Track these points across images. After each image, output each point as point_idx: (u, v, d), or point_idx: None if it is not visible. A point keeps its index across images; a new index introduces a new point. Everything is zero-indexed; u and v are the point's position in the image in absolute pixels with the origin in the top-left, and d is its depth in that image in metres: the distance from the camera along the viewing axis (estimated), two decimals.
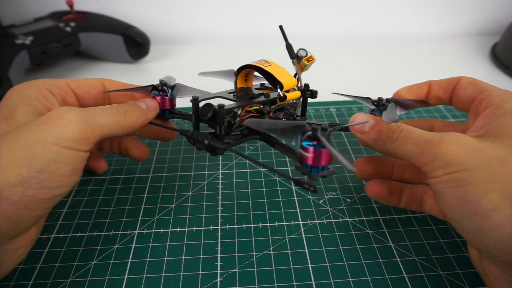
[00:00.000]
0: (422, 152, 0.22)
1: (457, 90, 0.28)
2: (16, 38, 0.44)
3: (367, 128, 0.25)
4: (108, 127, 0.24)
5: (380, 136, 0.24)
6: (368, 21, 0.62)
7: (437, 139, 0.22)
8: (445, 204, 0.21)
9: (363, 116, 0.26)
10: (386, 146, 0.24)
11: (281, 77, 0.27)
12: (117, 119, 0.24)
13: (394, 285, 0.24)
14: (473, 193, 0.19)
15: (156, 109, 0.27)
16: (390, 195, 0.27)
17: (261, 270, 0.25)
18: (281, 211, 0.29)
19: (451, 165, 0.20)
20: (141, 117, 0.26)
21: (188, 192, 0.31)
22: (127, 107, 0.26)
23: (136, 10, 0.58)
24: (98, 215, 0.29)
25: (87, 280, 0.24)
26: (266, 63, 0.28)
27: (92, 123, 0.23)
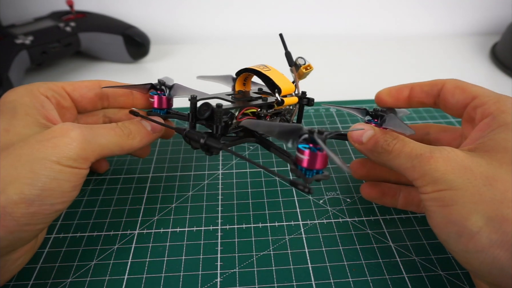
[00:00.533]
0: (413, 166, 0.22)
1: (443, 95, 0.27)
2: (16, 38, 0.44)
3: (365, 139, 0.25)
4: (109, 148, 0.24)
5: (376, 148, 0.24)
6: (368, 20, 0.62)
7: (427, 155, 0.21)
8: (432, 222, 0.21)
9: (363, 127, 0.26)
10: (382, 158, 0.24)
11: (280, 82, 0.27)
12: (119, 141, 0.25)
13: (394, 285, 0.24)
14: (458, 214, 0.19)
15: (161, 130, 0.28)
16: (383, 197, 0.28)
17: (261, 270, 0.25)
18: (281, 211, 0.29)
19: (439, 182, 0.20)
20: (145, 138, 0.26)
21: (188, 192, 0.31)
22: (131, 128, 0.26)
23: (136, 10, 0.58)
24: (98, 215, 0.29)
25: (87, 280, 0.24)
26: (266, 67, 0.28)
27: (94, 143, 0.23)
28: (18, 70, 0.43)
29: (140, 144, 0.26)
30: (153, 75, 0.51)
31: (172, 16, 0.59)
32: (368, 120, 0.28)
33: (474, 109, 0.25)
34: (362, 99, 0.44)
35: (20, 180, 0.20)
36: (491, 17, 0.62)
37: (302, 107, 0.30)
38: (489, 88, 0.27)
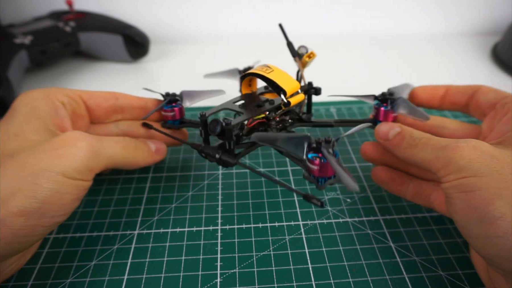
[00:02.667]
0: (437, 157, 0.22)
1: (476, 96, 0.28)
2: (15, 38, 0.44)
3: (391, 136, 0.25)
4: (115, 161, 0.24)
5: (403, 143, 0.25)
6: (369, 20, 0.62)
7: (452, 145, 0.22)
8: (453, 208, 0.21)
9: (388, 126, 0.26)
10: (407, 152, 0.24)
11: (284, 83, 0.27)
12: (125, 155, 0.25)
13: (394, 285, 0.24)
14: (481, 199, 0.19)
15: (164, 153, 0.29)
16: (393, 183, 0.28)
17: (261, 270, 0.25)
18: (281, 211, 0.29)
19: (463, 170, 0.20)
20: (148, 158, 0.27)
21: (188, 192, 0.31)
22: (138, 145, 0.26)
23: (136, 10, 0.58)
24: (98, 215, 0.29)
25: (87, 281, 0.24)
26: (268, 69, 0.28)
27: (102, 154, 0.23)
28: (18, 70, 0.43)
29: (142, 163, 0.26)
30: (153, 75, 0.51)
31: (172, 16, 0.59)
32: (376, 104, 0.29)
33: (503, 106, 0.26)
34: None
35: (22, 192, 0.20)
36: (492, 16, 0.62)
37: (310, 97, 0.31)
38: None
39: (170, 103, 0.30)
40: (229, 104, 0.28)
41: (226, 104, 0.28)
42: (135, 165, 0.26)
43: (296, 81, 0.28)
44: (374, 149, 0.29)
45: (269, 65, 0.28)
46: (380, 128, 0.26)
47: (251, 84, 0.31)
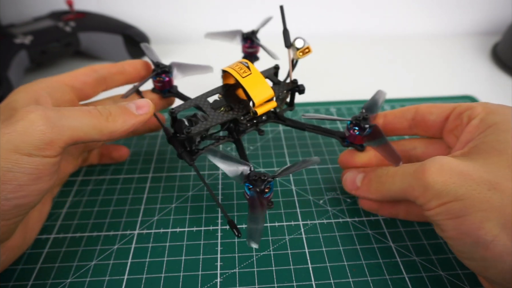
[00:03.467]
0: (411, 186, 0.22)
1: (420, 116, 0.27)
2: (15, 38, 0.44)
3: (359, 183, 0.26)
4: (83, 131, 0.21)
5: (371, 185, 0.25)
6: (368, 20, 0.62)
7: (419, 169, 0.21)
8: (445, 234, 0.21)
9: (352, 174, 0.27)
10: (381, 191, 0.24)
11: (255, 91, 0.27)
12: (96, 123, 0.22)
13: (394, 285, 0.24)
14: (470, 224, 0.19)
15: (149, 111, 0.25)
16: (382, 209, 0.28)
17: (261, 270, 0.25)
18: (281, 211, 0.29)
19: (442, 195, 0.20)
20: (130, 120, 0.24)
21: (188, 192, 0.31)
22: (112, 110, 0.23)
23: (136, 10, 0.58)
24: (98, 215, 0.29)
25: (87, 281, 0.24)
26: (247, 70, 0.27)
27: (61, 125, 0.21)
28: (18, 70, 0.43)
29: (124, 127, 0.23)
30: None
31: (172, 16, 0.59)
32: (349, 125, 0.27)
33: (458, 116, 0.25)
34: (362, 99, 0.44)
35: None
36: (492, 16, 0.62)
37: (294, 94, 0.31)
38: (490, 88, 0.27)
39: (160, 75, 0.30)
40: (202, 99, 0.28)
41: (198, 100, 0.28)
42: (114, 133, 0.23)
43: (270, 89, 0.27)
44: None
45: (249, 65, 0.28)
46: (347, 179, 0.27)
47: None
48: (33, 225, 0.25)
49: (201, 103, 0.28)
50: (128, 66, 0.30)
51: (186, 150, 0.27)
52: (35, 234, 0.26)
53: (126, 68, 0.30)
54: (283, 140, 0.37)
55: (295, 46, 0.27)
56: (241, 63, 0.28)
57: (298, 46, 0.27)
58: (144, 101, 0.25)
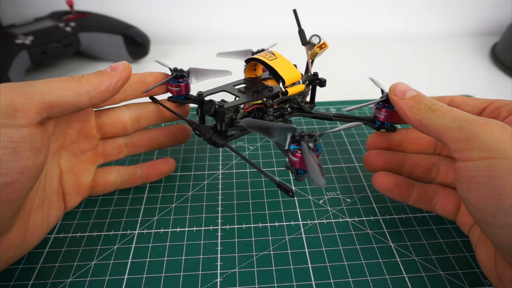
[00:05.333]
0: (459, 128, 0.20)
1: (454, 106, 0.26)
2: (16, 38, 0.45)
3: (408, 95, 0.24)
4: (55, 94, 0.21)
5: (419, 105, 0.23)
6: (368, 20, 0.62)
7: (480, 120, 0.20)
8: (476, 195, 0.19)
9: (406, 86, 0.25)
10: (422, 115, 0.22)
11: (284, 72, 0.27)
12: (67, 85, 0.21)
13: (394, 285, 0.24)
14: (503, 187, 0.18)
15: (124, 68, 0.24)
16: (396, 189, 0.27)
17: (261, 270, 0.25)
18: (281, 211, 0.29)
19: (491, 148, 0.18)
20: (106, 79, 0.23)
21: (188, 192, 0.31)
22: (84, 74, 0.23)
23: (136, 10, 0.58)
24: (98, 215, 0.29)
25: (87, 280, 0.24)
26: (272, 55, 0.28)
27: (28, 90, 0.20)
28: (18, 70, 0.43)
29: (100, 86, 0.23)
30: None
31: (172, 16, 0.59)
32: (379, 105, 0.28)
33: (496, 109, 0.24)
34: (362, 99, 0.44)
35: None
36: (491, 17, 0.62)
37: (315, 88, 0.31)
38: (489, 88, 0.27)
39: (177, 79, 0.30)
40: (229, 86, 0.29)
41: (226, 86, 0.29)
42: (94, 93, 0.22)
43: (297, 71, 0.28)
44: (379, 155, 0.28)
45: (274, 52, 0.28)
46: (398, 85, 0.25)
47: (256, 69, 0.31)
48: (34, 227, 0.24)
49: (229, 89, 0.29)
50: (149, 76, 0.29)
51: (216, 131, 0.26)
52: (37, 237, 0.25)
53: (147, 78, 0.29)
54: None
55: (312, 43, 0.28)
56: (268, 51, 0.29)
57: (315, 42, 0.28)
58: (119, 63, 0.24)
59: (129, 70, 0.25)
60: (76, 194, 0.28)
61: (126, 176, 0.30)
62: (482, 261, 0.23)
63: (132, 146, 0.31)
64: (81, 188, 0.28)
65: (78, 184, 0.28)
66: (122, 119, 0.29)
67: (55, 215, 0.27)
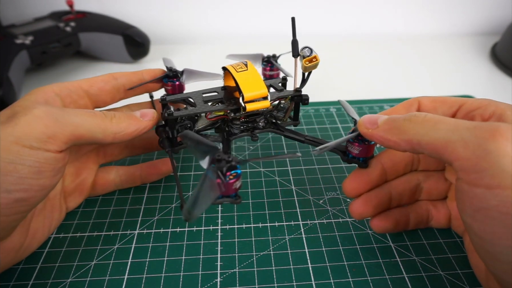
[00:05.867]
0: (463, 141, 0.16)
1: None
2: (16, 38, 0.45)
3: (381, 122, 0.21)
4: (85, 128, 0.22)
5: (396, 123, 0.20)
6: (368, 21, 0.62)
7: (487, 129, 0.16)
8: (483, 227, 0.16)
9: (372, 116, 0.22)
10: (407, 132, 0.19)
11: (247, 86, 0.26)
12: (99, 122, 0.23)
13: (394, 285, 0.24)
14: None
15: (153, 118, 0.26)
16: (397, 227, 0.26)
17: (261, 270, 0.25)
18: (281, 211, 0.29)
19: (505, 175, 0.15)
20: (134, 124, 0.25)
21: (188, 192, 0.31)
22: (117, 114, 0.24)
23: (136, 10, 0.58)
24: (98, 215, 0.29)
25: (87, 280, 0.24)
26: (243, 67, 0.27)
27: (63, 120, 0.21)
28: (18, 70, 0.43)
29: (127, 129, 0.24)
30: None
31: (172, 16, 0.59)
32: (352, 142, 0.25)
33: (467, 115, 0.22)
34: (362, 99, 0.44)
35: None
36: (491, 17, 0.62)
37: (298, 105, 0.29)
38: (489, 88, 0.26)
39: (171, 78, 0.30)
40: (196, 93, 0.29)
41: (193, 93, 0.29)
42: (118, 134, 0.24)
43: (263, 87, 0.26)
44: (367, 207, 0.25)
45: (248, 64, 0.28)
46: (365, 118, 0.22)
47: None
48: (35, 230, 0.25)
49: (194, 97, 0.28)
50: (147, 74, 0.30)
51: (168, 137, 0.27)
52: (37, 241, 0.25)
53: (145, 77, 0.29)
54: (283, 140, 0.37)
55: (302, 55, 0.26)
56: (242, 62, 0.28)
57: (305, 55, 0.26)
58: (149, 110, 0.26)
59: (155, 121, 0.26)
60: (78, 195, 0.28)
61: (125, 176, 0.30)
62: (474, 266, 0.23)
63: (132, 147, 0.31)
64: (83, 188, 0.29)
65: (80, 184, 0.28)
66: None
67: (56, 218, 0.27)
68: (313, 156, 0.35)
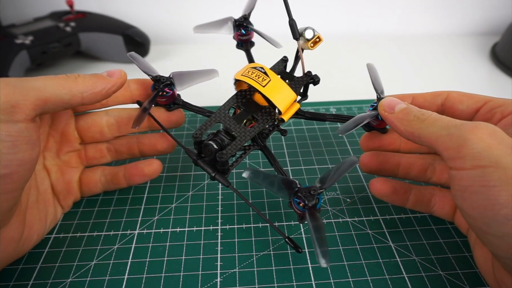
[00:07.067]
0: (449, 134, 0.20)
1: (450, 103, 0.27)
2: (16, 38, 0.44)
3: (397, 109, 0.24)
4: (49, 91, 0.21)
5: (408, 116, 0.23)
6: (368, 20, 0.62)
7: (470, 125, 0.19)
8: (470, 204, 0.19)
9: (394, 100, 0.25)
10: (413, 126, 0.22)
11: (280, 98, 0.26)
12: (62, 83, 0.22)
13: (394, 285, 0.24)
14: (509, 195, 0.17)
15: (121, 76, 0.25)
16: (394, 194, 0.27)
17: (261, 270, 0.25)
18: (281, 211, 0.29)
19: (482, 156, 0.18)
20: (101, 83, 0.24)
21: (188, 192, 0.31)
22: (80, 75, 0.23)
23: (136, 10, 0.58)
24: (98, 215, 0.29)
25: (87, 280, 0.24)
26: (265, 77, 0.26)
27: (24, 87, 0.21)
28: (18, 70, 0.43)
29: (94, 88, 0.23)
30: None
31: (172, 16, 0.59)
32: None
33: (490, 111, 0.24)
34: (362, 99, 0.44)
35: None
36: (491, 17, 0.62)
37: (307, 86, 0.29)
38: (489, 88, 0.27)
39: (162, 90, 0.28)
40: (221, 115, 0.27)
41: (218, 117, 0.27)
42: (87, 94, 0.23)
43: (292, 92, 0.26)
44: (373, 157, 0.28)
45: (266, 70, 0.26)
46: (386, 101, 0.25)
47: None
48: (31, 222, 0.25)
49: (222, 120, 0.26)
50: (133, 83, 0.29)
51: (218, 171, 0.26)
52: (36, 233, 0.25)
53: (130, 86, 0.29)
54: (283, 140, 0.37)
55: (304, 37, 0.25)
56: (255, 68, 0.27)
57: (308, 37, 0.25)
58: (116, 70, 0.25)
59: (124, 78, 0.25)
60: (67, 193, 0.28)
61: (110, 176, 0.30)
62: (479, 263, 0.23)
63: (115, 152, 0.30)
64: (70, 186, 0.28)
65: (67, 183, 0.28)
66: (99, 124, 0.29)
67: (51, 213, 0.27)
68: (313, 156, 0.35)
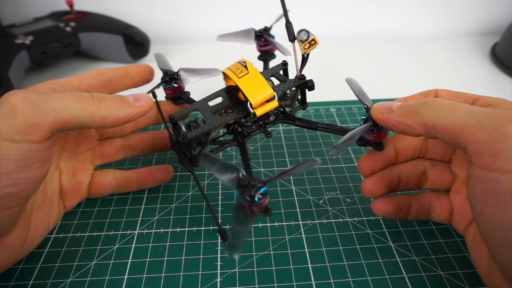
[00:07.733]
0: (480, 125, 0.16)
1: None
2: (16, 38, 0.45)
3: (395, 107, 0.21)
4: (70, 113, 0.21)
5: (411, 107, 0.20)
6: (368, 20, 0.62)
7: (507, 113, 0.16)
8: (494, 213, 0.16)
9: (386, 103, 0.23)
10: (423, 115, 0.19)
11: (252, 91, 0.25)
12: (85, 107, 0.21)
13: (394, 285, 0.24)
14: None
15: (147, 104, 0.24)
16: (398, 212, 0.26)
17: (261, 270, 0.25)
18: (281, 211, 0.29)
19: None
20: (125, 109, 0.23)
21: (188, 192, 0.31)
22: (107, 97, 0.22)
23: (136, 10, 0.58)
24: (98, 215, 0.29)
25: (87, 280, 0.24)
26: (243, 70, 0.26)
27: (44, 107, 0.20)
28: (18, 70, 0.43)
29: (118, 115, 0.22)
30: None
31: (172, 16, 0.59)
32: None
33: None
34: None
35: None
36: (491, 17, 0.62)
37: (304, 91, 0.29)
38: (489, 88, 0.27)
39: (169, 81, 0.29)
40: (202, 104, 0.27)
41: (199, 104, 0.27)
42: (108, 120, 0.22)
43: (269, 89, 0.26)
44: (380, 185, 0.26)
45: (247, 64, 0.27)
46: (378, 104, 0.23)
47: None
48: (36, 226, 0.25)
49: (201, 108, 0.27)
50: (132, 69, 0.29)
51: (186, 156, 0.26)
52: (39, 237, 0.25)
53: (130, 71, 0.29)
54: (283, 140, 0.37)
55: (299, 39, 0.25)
56: (239, 63, 0.28)
57: (303, 39, 0.25)
58: (143, 95, 0.24)
59: (150, 107, 0.24)
60: (75, 195, 0.28)
61: (122, 180, 0.30)
62: (476, 265, 0.23)
63: (129, 148, 0.31)
64: (80, 188, 0.28)
65: (77, 184, 0.28)
66: None
67: (55, 215, 0.27)
68: (313, 156, 0.35)
